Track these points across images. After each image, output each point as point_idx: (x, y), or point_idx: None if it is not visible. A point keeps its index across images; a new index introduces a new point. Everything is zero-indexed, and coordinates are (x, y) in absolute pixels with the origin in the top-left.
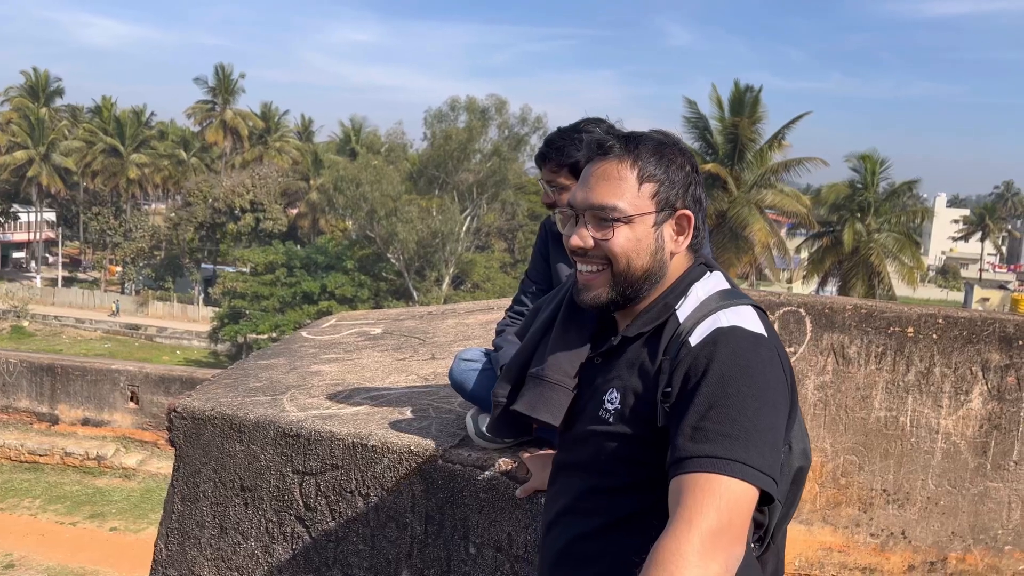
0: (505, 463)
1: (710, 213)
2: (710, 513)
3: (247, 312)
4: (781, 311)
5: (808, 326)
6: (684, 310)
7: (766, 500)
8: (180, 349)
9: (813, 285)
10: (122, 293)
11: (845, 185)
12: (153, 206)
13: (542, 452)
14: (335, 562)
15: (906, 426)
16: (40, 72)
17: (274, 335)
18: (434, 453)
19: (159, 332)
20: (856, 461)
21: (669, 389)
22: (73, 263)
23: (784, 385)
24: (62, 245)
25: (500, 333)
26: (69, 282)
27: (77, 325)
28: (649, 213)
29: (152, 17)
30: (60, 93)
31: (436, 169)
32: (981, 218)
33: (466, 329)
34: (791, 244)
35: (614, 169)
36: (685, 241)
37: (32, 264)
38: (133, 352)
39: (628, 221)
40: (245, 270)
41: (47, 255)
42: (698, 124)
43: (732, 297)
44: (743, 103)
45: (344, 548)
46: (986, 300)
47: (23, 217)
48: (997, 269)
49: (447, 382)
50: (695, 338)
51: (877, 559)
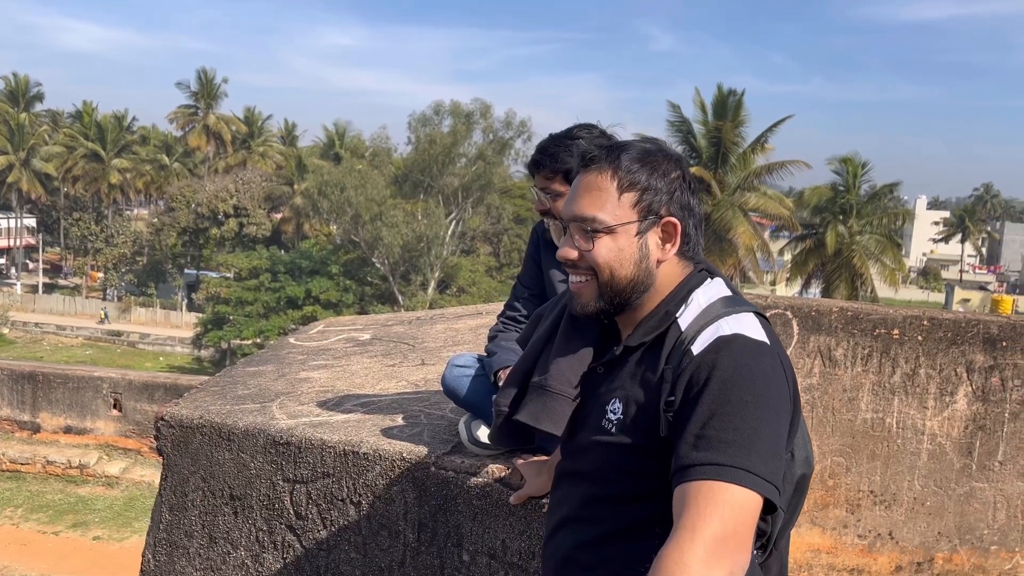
0: (498, 469)
1: None
2: (714, 521)
3: (231, 318)
4: (768, 314)
5: (795, 329)
6: (686, 318)
7: (769, 509)
8: (163, 355)
9: (796, 287)
10: (104, 299)
11: (827, 188)
12: (135, 211)
13: (535, 458)
14: (327, 571)
15: (892, 427)
16: (20, 77)
17: (258, 340)
18: (426, 460)
19: (142, 338)
20: (843, 463)
21: (672, 398)
22: (54, 269)
23: (786, 393)
24: (43, 251)
25: (493, 339)
26: (50, 288)
27: (58, 332)
28: (631, 223)
29: (134, 21)
30: (40, 98)
31: (421, 173)
32: (961, 220)
33: (455, 334)
34: (775, 246)
35: (595, 180)
36: (673, 248)
37: (12, 270)
38: (115, 359)
39: (610, 231)
40: (229, 275)
41: (27, 261)
42: (682, 128)
43: (734, 304)
44: (726, 107)
45: (336, 557)
46: (967, 301)
47: (2, 223)
48: (977, 270)
49: (438, 388)
50: (697, 346)
51: (865, 560)
